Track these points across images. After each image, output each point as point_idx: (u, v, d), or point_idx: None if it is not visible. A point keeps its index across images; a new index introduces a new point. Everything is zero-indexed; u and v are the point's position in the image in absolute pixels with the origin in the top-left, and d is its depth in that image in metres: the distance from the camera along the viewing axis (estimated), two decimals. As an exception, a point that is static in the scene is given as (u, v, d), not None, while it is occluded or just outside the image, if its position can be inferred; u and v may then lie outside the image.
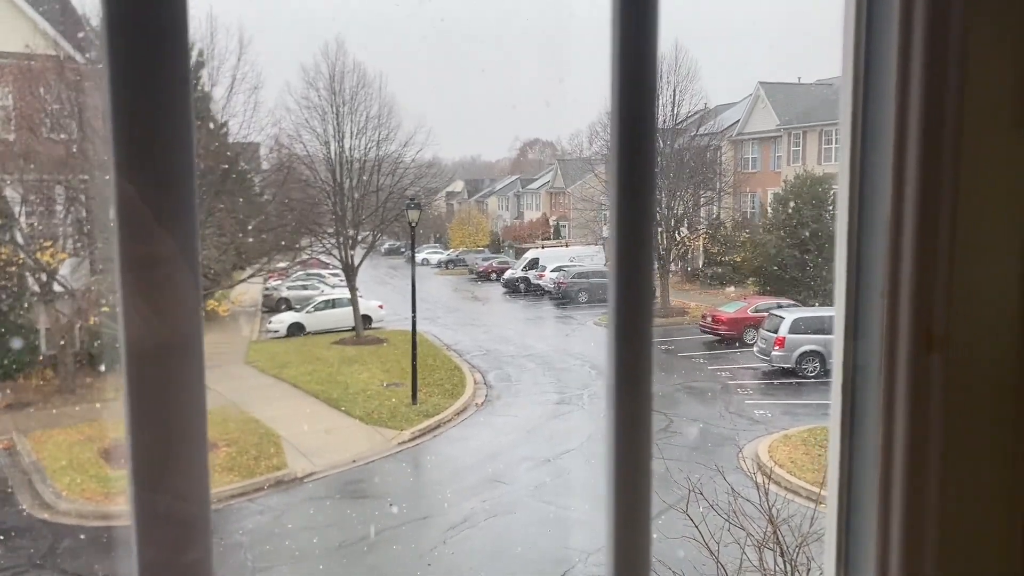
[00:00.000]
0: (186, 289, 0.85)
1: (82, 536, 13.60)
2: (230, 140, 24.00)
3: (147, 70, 0.83)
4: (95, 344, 19.37)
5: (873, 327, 1.11)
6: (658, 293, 32.64)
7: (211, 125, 22.84)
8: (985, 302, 1.09)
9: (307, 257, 30.03)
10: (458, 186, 58.37)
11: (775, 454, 16.64)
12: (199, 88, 23.90)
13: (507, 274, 39.36)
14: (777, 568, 8.34)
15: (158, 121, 0.84)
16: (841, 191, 1.14)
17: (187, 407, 0.86)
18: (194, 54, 23.87)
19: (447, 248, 50.19)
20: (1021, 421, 1.11)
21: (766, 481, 9.75)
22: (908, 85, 1.01)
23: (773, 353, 22.75)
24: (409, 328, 23.45)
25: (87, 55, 20.21)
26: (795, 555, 8.30)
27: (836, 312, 1.16)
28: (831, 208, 31.00)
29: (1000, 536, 1.13)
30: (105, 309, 18.64)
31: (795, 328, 22.73)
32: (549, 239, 47.40)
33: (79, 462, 15.92)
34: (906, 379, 1.02)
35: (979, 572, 1.11)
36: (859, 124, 1.10)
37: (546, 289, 36.11)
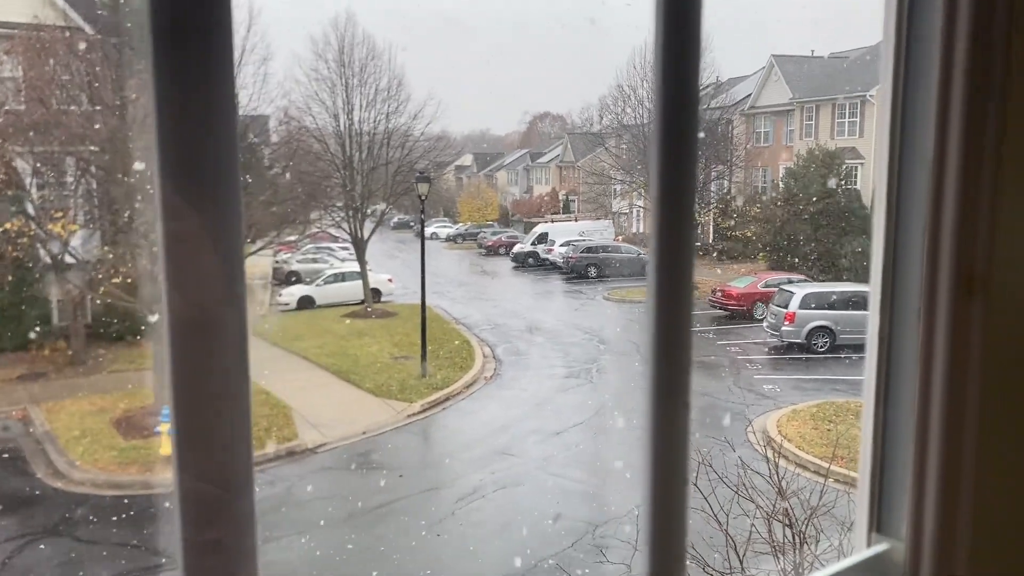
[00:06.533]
0: (232, 265, 0.84)
1: (96, 505, 13.77)
2: (240, 113, 23.86)
3: (190, 46, 0.81)
4: (107, 315, 19.47)
5: (910, 299, 1.10)
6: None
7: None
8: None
9: (317, 230, 30.07)
10: (467, 160, 58.17)
11: (784, 428, 16.68)
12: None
13: (516, 248, 39.30)
14: (786, 540, 8.39)
15: (200, 93, 0.82)
16: (880, 154, 1.12)
17: (228, 382, 0.85)
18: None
19: (456, 222, 50.10)
20: None
21: (775, 455, 9.79)
22: (955, 21, 0.98)
23: (783, 328, 22.73)
24: (418, 302, 23.50)
25: (96, 26, 20.13)
26: (804, 527, 8.35)
27: (872, 282, 1.15)
28: (843, 183, 30.81)
29: None
30: (116, 280, 18.72)
31: (805, 303, 22.69)
32: (558, 213, 47.28)
33: (92, 432, 16.08)
34: (946, 322, 1.01)
35: (1015, 515, 1.11)
36: (901, 67, 1.07)
37: (555, 263, 36.07)
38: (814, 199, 30.05)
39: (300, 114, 28.06)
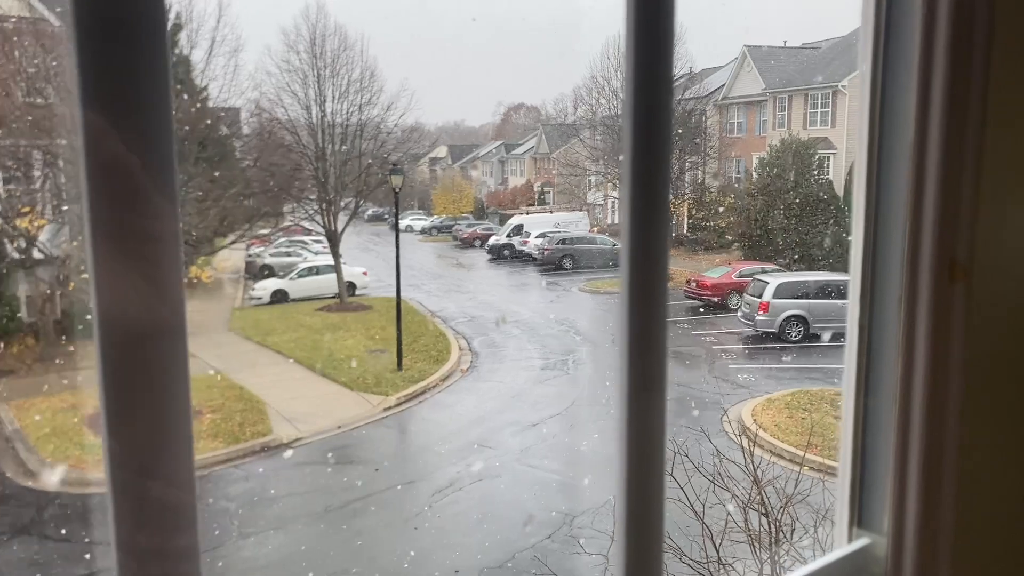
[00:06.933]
0: (167, 262, 0.79)
1: (67, 503, 13.58)
2: (210, 105, 23.67)
3: (117, 18, 0.76)
4: (76, 311, 19.20)
5: (891, 287, 1.08)
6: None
7: (191, 89, 22.52)
8: (1009, 229, 1.07)
9: (290, 223, 29.79)
10: (442, 152, 57.91)
11: (759, 417, 16.81)
12: (177, 52, 23.55)
13: (491, 240, 39.22)
14: (762, 528, 8.46)
15: (131, 80, 0.77)
16: (860, 141, 1.10)
17: (169, 388, 0.80)
18: (172, 16, 23.45)
19: (431, 215, 49.92)
20: None
21: (750, 444, 9.87)
22: (935, 4, 0.96)
23: (757, 318, 22.90)
24: (393, 295, 23.41)
25: (62, 17, 19.77)
26: (779, 515, 8.43)
27: (852, 271, 1.13)
28: (816, 173, 31.08)
29: (1019, 461, 1.12)
30: (85, 276, 18.45)
31: (779, 293, 22.87)
32: (533, 205, 47.26)
33: (62, 429, 15.84)
34: (928, 308, 0.99)
35: (997, 507, 1.10)
36: (880, 52, 1.05)
37: (531, 255, 36.06)
38: (787, 189, 30.27)
39: (272, 106, 27.78)
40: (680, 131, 35.24)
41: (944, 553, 1.03)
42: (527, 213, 42.87)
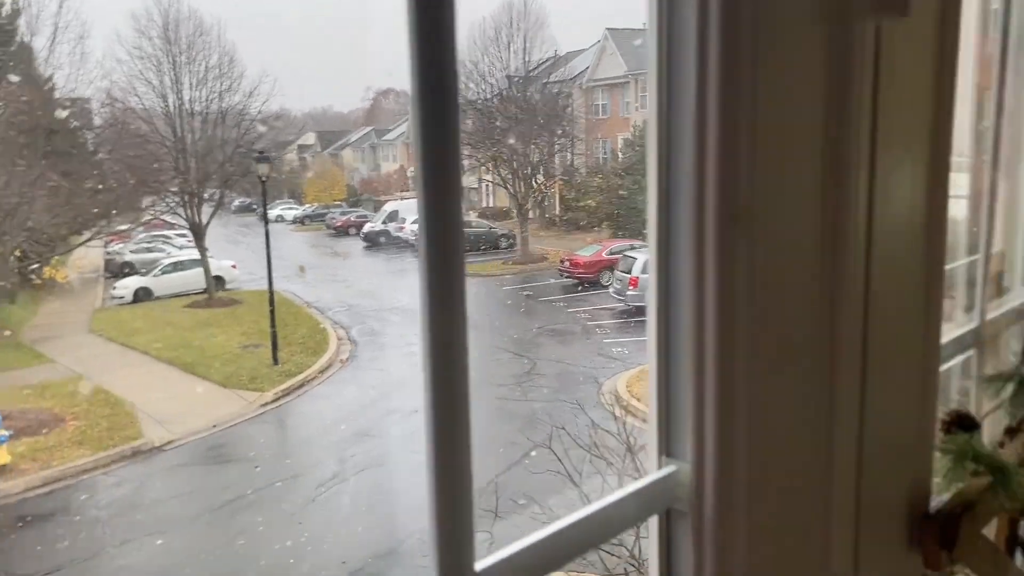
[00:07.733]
0: None
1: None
2: (56, 95, 22.37)
3: None
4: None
5: (684, 243, 1.23)
6: (518, 241, 33.15)
7: (34, 79, 21.19)
8: (785, 176, 1.22)
9: (150, 218, 28.46)
10: (310, 139, 56.55)
11: (633, 388, 17.40)
12: (18, 39, 22.14)
13: (366, 228, 38.73)
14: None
15: None
16: (650, 121, 1.23)
17: None
18: (9, 1, 22.00)
19: (302, 203, 48.79)
20: (819, 290, 1.27)
21: (623, 413, 10.25)
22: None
23: (628, 293, 23.62)
24: (266, 288, 22.81)
25: None
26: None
27: (648, 234, 1.27)
28: (678, 151, 32.21)
29: (808, 392, 1.28)
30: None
31: (648, 268, 23.65)
32: (407, 191, 46.94)
33: None
34: (714, 252, 1.13)
35: (785, 428, 1.27)
36: (664, 34, 1.18)
37: (408, 241, 35.83)
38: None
39: (124, 95, 26.40)
40: (548, 113, 35.78)
41: (741, 472, 1.20)
42: (402, 199, 42.53)
